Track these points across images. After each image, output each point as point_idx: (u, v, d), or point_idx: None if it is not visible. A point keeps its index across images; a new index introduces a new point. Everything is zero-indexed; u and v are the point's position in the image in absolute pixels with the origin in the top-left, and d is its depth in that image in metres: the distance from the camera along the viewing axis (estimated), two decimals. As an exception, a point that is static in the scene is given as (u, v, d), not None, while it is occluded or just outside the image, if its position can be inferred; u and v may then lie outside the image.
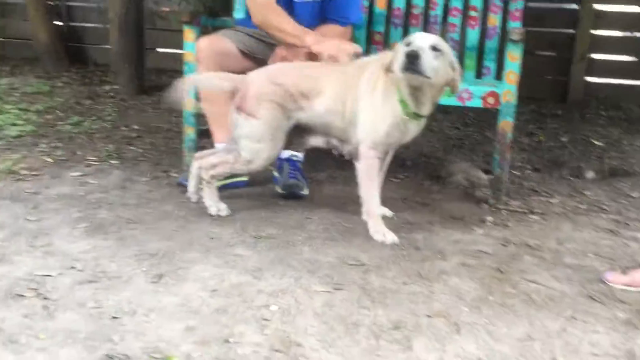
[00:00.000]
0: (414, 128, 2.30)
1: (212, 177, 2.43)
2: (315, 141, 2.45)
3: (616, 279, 1.93)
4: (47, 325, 1.59)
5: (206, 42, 2.73)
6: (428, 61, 2.07)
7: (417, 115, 2.24)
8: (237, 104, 2.37)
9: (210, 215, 2.40)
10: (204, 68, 2.72)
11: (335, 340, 1.57)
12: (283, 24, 2.59)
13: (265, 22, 2.63)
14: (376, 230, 2.27)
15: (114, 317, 1.64)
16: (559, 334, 1.62)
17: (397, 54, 2.13)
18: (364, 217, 2.32)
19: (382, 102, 2.24)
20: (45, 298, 1.72)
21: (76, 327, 1.59)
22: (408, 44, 2.11)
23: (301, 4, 2.74)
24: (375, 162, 2.28)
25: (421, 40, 2.11)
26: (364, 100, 2.27)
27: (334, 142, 2.41)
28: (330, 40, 2.54)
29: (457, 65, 2.19)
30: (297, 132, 2.43)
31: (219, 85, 2.47)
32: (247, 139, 2.36)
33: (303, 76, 2.37)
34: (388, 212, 2.47)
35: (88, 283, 1.82)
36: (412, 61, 2.05)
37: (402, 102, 2.20)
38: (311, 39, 2.54)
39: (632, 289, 1.89)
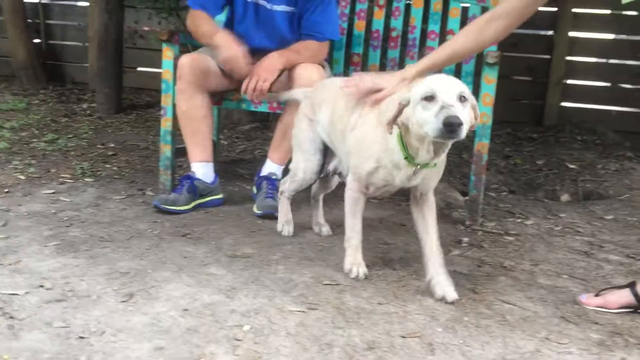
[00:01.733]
0: (407, 174, 1.95)
1: (281, 192, 2.51)
2: (333, 164, 2.43)
3: (589, 301, 1.93)
4: (11, 345, 1.54)
5: (188, 59, 2.73)
6: (464, 121, 1.70)
7: (413, 162, 1.90)
8: None
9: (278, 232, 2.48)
10: (184, 85, 2.71)
11: (307, 361, 1.54)
12: (201, 25, 2.72)
13: (190, 25, 2.79)
14: (349, 262, 2.10)
15: (81, 337, 1.59)
16: (532, 355, 1.61)
17: (417, 112, 1.76)
18: (345, 244, 2.15)
19: (379, 139, 1.94)
20: (11, 317, 1.67)
21: (41, 347, 1.54)
22: (431, 97, 1.73)
23: (278, 13, 2.76)
24: (356, 196, 2.09)
25: (450, 98, 1.72)
26: (361, 129, 2.03)
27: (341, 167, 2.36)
28: (234, 46, 2.62)
29: (476, 104, 1.84)
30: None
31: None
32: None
33: (321, 88, 2.40)
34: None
35: (56, 302, 1.78)
36: (454, 130, 1.67)
37: (403, 146, 1.89)
38: (219, 39, 2.64)
39: (605, 310, 1.90)
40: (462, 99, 1.75)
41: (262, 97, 2.67)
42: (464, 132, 1.69)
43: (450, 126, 1.67)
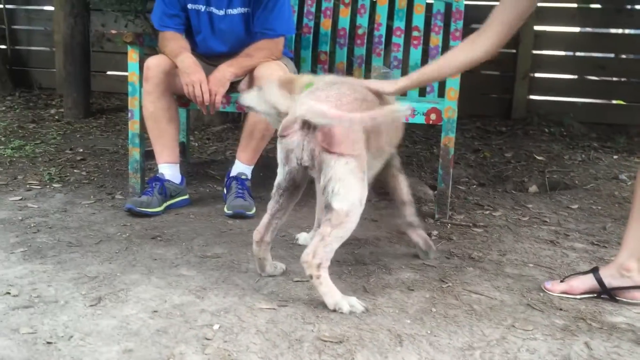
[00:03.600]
0: None
1: (320, 266, 1.79)
2: None
3: (554, 287, 1.97)
4: (-23, 353, 1.53)
5: (155, 60, 2.72)
6: None
7: None
8: (327, 144, 1.79)
9: (342, 312, 1.78)
10: (150, 87, 2.70)
11: (277, 357, 1.55)
12: (167, 45, 2.77)
13: (160, 46, 2.85)
14: None
15: (49, 343, 1.58)
16: (498, 342, 1.64)
17: None
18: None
19: None
20: (-23, 325, 1.66)
21: (8, 353, 1.53)
22: None
23: (230, 17, 2.76)
24: None
25: None
26: None
27: None
28: (193, 73, 2.62)
29: None
30: None
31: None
32: (341, 182, 1.77)
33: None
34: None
35: (23, 308, 1.76)
36: None
37: None
38: (181, 63, 2.66)
39: (570, 296, 1.94)
40: None
41: (215, 109, 2.68)
42: None
43: None
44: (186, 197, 2.81)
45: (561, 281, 1.99)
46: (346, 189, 1.77)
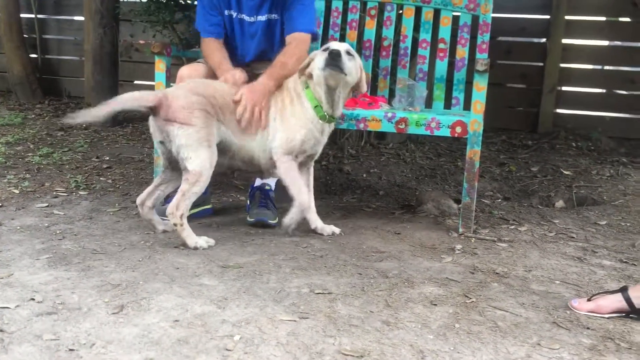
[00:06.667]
0: (326, 134, 2.61)
1: (182, 216, 2.37)
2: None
3: (581, 306, 1.93)
4: (1, 358, 1.54)
5: (188, 69, 2.75)
6: (345, 61, 2.43)
7: (331, 118, 2.56)
8: (165, 116, 2.36)
9: (195, 249, 2.38)
10: None
11: (297, 370, 1.54)
12: (210, 56, 2.79)
13: (203, 53, 2.86)
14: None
15: (71, 350, 1.59)
16: (523, 361, 1.61)
17: (317, 57, 2.48)
18: (297, 215, 2.55)
19: (298, 112, 2.52)
20: (1, 330, 1.67)
21: (31, 360, 1.54)
22: (326, 49, 2.46)
23: (261, 24, 2.77)
24: (292, 163, 2.51)
25: (337, 45, 2.50)
26: (279, 114, 2.53)
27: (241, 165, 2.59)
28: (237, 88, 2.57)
29: (363, 69, 2.58)
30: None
31: (141, 103, 2.40)
32: (188, 148, 2.35)
33: (221, 91, 2.51)
34: (336, 230, 2.63)
35: (46, 315, 1.77)
36: (334, 58, 2.40)
37: (317, 107, 2.52)
38: (223, 79, 2.63)
39: (597, 315, 1.89)
40: (348, 53, 2.47)
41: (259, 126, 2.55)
42: (344, 66, 2.41)
43: (332, 55, 2.40)
44: (209, 206, 2.82)
45: (588, 299, 1.95)
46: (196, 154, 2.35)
